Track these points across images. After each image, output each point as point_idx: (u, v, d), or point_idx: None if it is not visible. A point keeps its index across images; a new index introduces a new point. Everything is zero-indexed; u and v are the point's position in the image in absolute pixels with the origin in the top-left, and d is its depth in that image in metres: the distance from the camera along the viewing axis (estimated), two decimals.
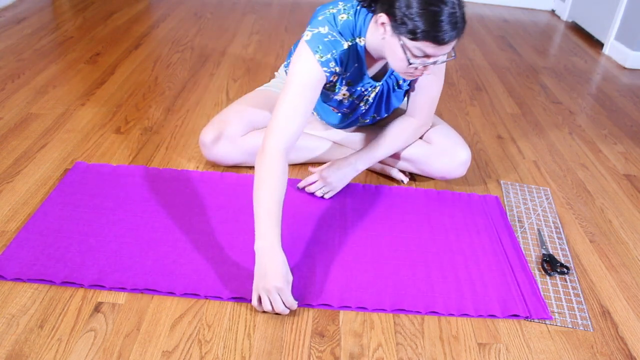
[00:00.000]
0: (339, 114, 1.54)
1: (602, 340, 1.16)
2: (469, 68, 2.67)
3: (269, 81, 2.11)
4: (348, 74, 1.37)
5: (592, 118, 2.25)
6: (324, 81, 1.31)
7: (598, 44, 3.27)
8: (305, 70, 1.27)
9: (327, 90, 1.42)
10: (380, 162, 1.64)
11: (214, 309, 1.14)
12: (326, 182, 1.48)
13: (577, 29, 3.56)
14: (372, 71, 1.42)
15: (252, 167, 1.63)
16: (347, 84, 1.39)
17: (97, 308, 1.11)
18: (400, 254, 1.32)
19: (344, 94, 1.42)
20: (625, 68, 2.90)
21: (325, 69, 1.29)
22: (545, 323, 1.19)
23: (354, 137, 1.63)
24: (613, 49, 3.06)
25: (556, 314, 1.21)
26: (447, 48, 1.18)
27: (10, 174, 1.52)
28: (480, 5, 3.95)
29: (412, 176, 1.67)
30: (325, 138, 1.66)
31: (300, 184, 1.51)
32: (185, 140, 1.76)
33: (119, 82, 2.14)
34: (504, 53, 2.96)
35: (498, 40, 3.17)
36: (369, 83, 1.41)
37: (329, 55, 1.29)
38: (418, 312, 1.17)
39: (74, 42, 2.51)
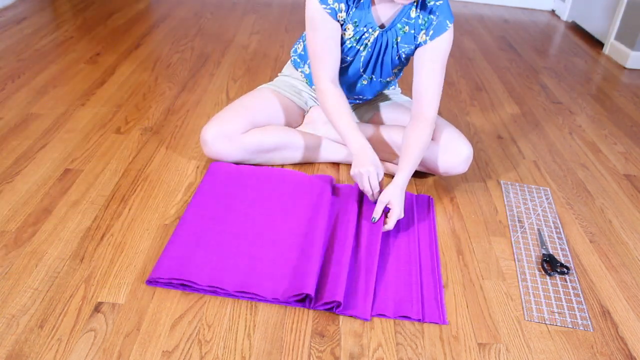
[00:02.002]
0: (343, 67, 1.55)
1: (602, 340, 1.16)
2: (469, 68, 2.67)
3: (270, 80, 2.11)
4: (354, 9, 1.42)
5: (592, 118, 2.25)
6: (329, 18, 1.42)
7: (598, 44, 3.27)
8: (311, 12, 1.42)
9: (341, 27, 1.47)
10: (383, 160, 1.64)
11: (214, 309, 1.14)
12: (399, 215, 1.37)
13: (577, 29, 3.56)
14: (379, 15, 1.44)
15: (253, 165, 1.64)
16: (354, 23, 1.44)
17: (97, 308, 1.11)
18: (305, 247, 1.31)
19: (348, 34, 1.46)
20: (625, 68, 2.90)
21: (324, 6, 1.40)
22: (545, 323, 1.19)
23: None
24: (613, 49, 3.06)
25: (556, 314, 1.21)
26: None
27: (10, 174, 1.52)
28: (480, 5, 3.95)
29: (413, 173, 1.67)
30: (326, 137, 1.66)
31: (377, 218, 1.41)
32: (185, 140, 1.76)
33: (119, 82, 2.14)
34: (504, 53, 2.96)
35: (498, 40, 3.17)
36: (370, 23, 1.44)
37: None
38: (304, 305, 1.16)
39: (74, 42, 2.51)
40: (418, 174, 1.68)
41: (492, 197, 1.63)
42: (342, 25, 1.45)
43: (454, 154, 1.54)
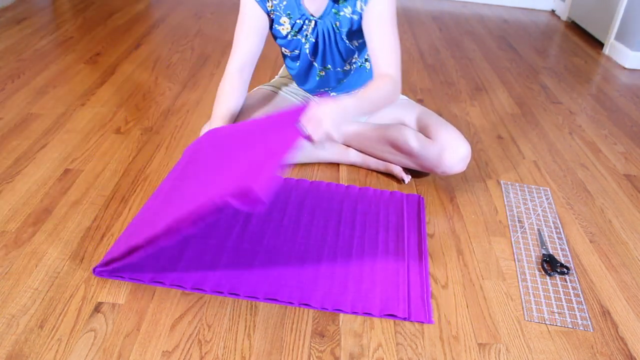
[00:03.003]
0: (297, 63, 1.57)
1: (602, 341, 1.16)
2: (469, 68, 2.67)
3: (269, 81, 2.12)
4: (285, 2, 1.44)
5: (592, 118, 2.25)
6: (258, 8, 1.45)
7: (598, 44, 3.27)
8: (242, 1, 1.46)
9: (275, 23, 1.49)
10: (383, 159, 1.64)
11: (214, 309, 1.14)
12: (321, 126, 1.17)
13: (577, 29, 3.56)
14: (308, 6, 1.45)
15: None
16: (287, 15, 1.47)
17: (97, 308, 1.11)
18: (297, 246, 1.32)
19: (286, 28, 1.49)
20: (625, 68, 2.91)
21: None
22: (545, 323, 1.19)
23: (353, 136, 1.64)
24: (613, 49, 3.06)
25: (556, 314, 1.22)
26: None
27: (10, 174, 1.52)
28: (480, 5, 3.95)
29: (413, 173, 1.67)
30: None
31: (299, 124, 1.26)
32: (185, 141, 1.76)
33: (119, 82, 2.14)
34: (504, 53, 2.96)
35: (498, 40, 3.17)
36: (303, 15, 1.46)
37: None
38: (290, 302, 1.17)
39: (74, 42, 2.51)
40: (417, 173, 1.68)
41: (492, 197, 1.63)
42: (275, 16, 1.48)
43: (452, 153, 1.53)
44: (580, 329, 1.19)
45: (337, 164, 1.71)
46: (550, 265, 1.34)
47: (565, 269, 1.34)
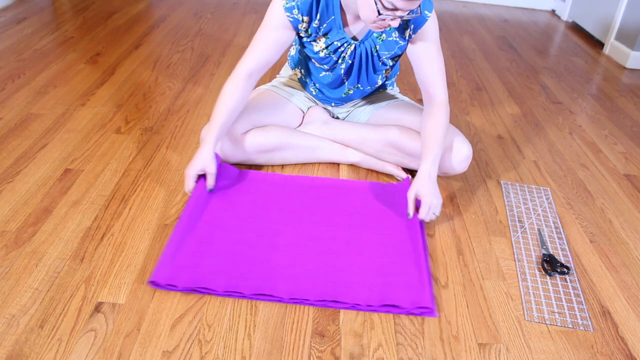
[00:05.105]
0: (325, 74, 1.57)
1: (602, 341, 1.16)
2: (469, 68, 2.67)
3: (270, 81, 2.12)
4: (325, 25, 1.43)
5: (592, 118, 2.25)
6: (289, 25, 1.43)
7: (598, 44, 3.27)
8: (272, 13, 1.42)
9: (308, 38, 1.48)
10: (382, 160, 1.64)
11: (214, 309, 1.14)
12: (432, 203, 1.40)
13: (577, 29, 3.56)
14: (351, 29, 1.46)
15: (257, 165, 1.64)
16: (324, 36, 1.46)
17: (97, 308, 1.11)
18: (289, 240, 1.33)
19: (321, 47, 1.48)
20: (625, 68, 2.91)
21: (288, 14, 1.40)
22: (545, 323, 1.19)
23: (354, 137, 1.64)
24: (613, 49, 3.06)
25: (556, 314, 1.22)
26: (416, 3, 1.24)
27: (11, 174, 1.52)
28: (480, 5, 3.95)
29: (412, 173, 1.67)
30: (325, 138, 1.66)
31: (411, 215, 1.43)
32: (185, 140, 1.76)
33: (119, 82, 2.14)
34: (504, 53, 2.96)
35: (498, 40, 3.17)
36: (343, 38, 1.45)
37: (293, 3, 1.39)
38: (280, 299, 1.17)
39: (74, 42, 2.51)
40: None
41: (492, 197, 1.63)
42: (309, 35, 1.46)
43: (454, 153, 1.54)
44: (580, 329, 1.19)
45: (337, 164, 1.71)
46: (551, 265, 1.34)
47: (565, 269, 1.34)
